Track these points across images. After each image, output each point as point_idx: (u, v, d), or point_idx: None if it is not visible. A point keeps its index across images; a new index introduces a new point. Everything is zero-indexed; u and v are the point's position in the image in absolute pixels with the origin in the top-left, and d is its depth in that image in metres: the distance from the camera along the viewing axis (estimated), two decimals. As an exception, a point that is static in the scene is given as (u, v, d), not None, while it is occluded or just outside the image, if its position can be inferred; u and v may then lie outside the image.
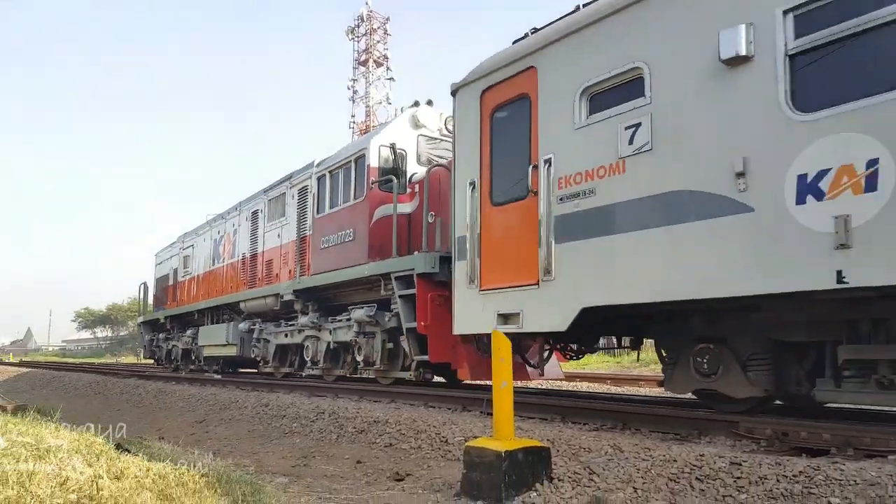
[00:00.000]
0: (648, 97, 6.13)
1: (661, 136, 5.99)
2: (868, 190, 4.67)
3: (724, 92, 5.57)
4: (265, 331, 14.70)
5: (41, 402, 12.90)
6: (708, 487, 4.36)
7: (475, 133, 8.16)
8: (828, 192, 4.87)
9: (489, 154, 7.98)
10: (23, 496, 3.09)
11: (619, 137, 6.32)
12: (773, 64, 5.25)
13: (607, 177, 6.45)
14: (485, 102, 8.10)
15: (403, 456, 6.53)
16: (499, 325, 7.53)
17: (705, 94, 5.70)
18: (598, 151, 6.54)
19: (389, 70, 56.05)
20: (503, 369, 4.65)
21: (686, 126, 5.82)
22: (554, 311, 6.91)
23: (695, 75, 5.77)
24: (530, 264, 7.17)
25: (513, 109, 7.77)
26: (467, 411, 8.20)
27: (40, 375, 25.72)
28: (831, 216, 4.82)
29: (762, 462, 4.48)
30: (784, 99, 5.18)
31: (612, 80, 6.51)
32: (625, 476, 4.58)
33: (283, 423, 8.92)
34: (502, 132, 7.94)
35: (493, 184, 7.91)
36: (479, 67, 8.29)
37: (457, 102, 8.70)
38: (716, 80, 5.61)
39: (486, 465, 4.44)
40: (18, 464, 3.63)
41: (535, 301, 7.13)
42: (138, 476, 3.90)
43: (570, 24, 7.09)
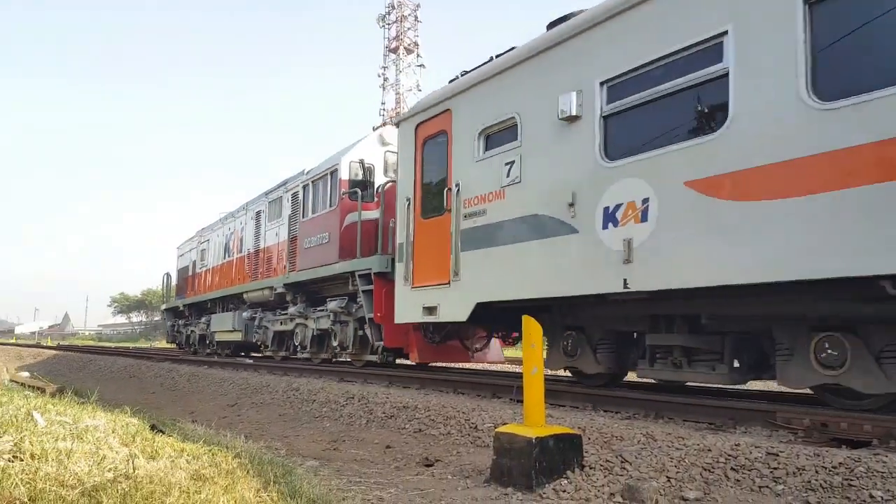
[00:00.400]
0: (520, 141, 7.87)
1: (527, 171, 7.75)
2: (643, 220, 6.33)
3: (563, 141, 7.27)
4: (265, 319, 16.42)
5: (78, 384, 13.15)
6: (743, 478, 4.29)
7: (411, 159, 9.96)
8: (620, 220, 6.56)
9: (421, 176, 9.76)
10: (61, 473, 3.14)
11: (502, 171, 8.08)
12: (592, 122, 6.92)
13: (494, 201, 8.23)
14: (418, 134, 9.86)
15: (433, 441, 6.54)
16: (423, 316, 9.36)
17: (553, 142, 7.40)
18: (489, 180, 8.29)
19: (420, 57, 55.97)
20: (534, 355, 4.61)
21: (542, 165, 7.57)
22: (459, 305, 8.63)
23: (547, 127, 7.45)
24: (445, 267, 8.91)
25: (436, 142, 9.50)
26: (497, 398, 8.18)
27: (77, 359, 26.25)
28: (622, 238, 6.49)
29: (800, 453, 4.40)
30: (598, 150, 6.85)
31: (498, 125, 8.27)
32: (658, 465, 4.52)
33: (313, 408, 8.99)
34: (430, 159, 9.65)
35: (423, 201, 9.65)
36: (416, 105, 10.21)
37: (400, 132, 10.49)
38: (559, 132, 7.32)
39: (516, 452, 4.41)
40: (57, 442, 3.69)
41: (447, 297, 8.88)
42: (172, 456, 3.95)
43: (472, 78, 8.83)
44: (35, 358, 30.44)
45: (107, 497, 2.92)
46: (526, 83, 7.91)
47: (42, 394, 8.93)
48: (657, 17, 6.43)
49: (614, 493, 4.10)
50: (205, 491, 3.29)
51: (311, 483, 3.95)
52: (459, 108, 9.00)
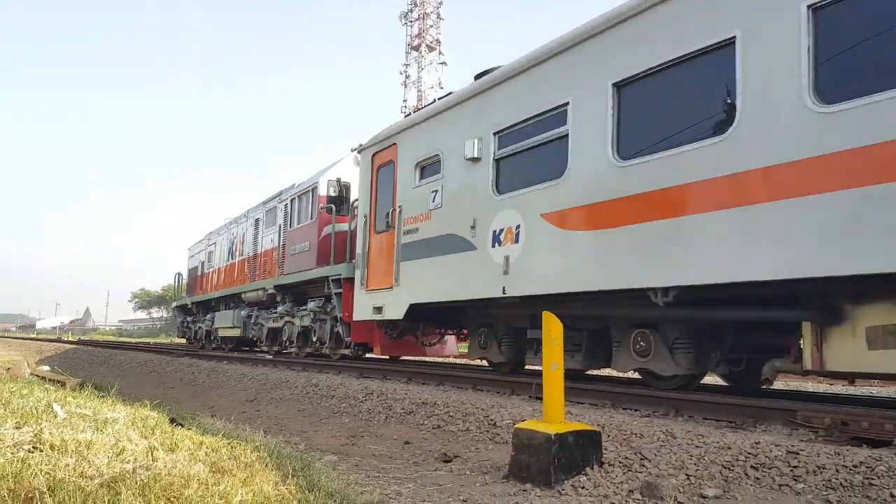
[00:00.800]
0: (442, 174, 9.72)
1: (446, 198, 9.60)
2: (516, 242, 8.21)
3: (469, 177, 9.13)
4: (260, 317, 18.13)
5: (98, 378, 13.30)
6: (763, 476, 4.23)
7: (368, 182, 11.89)
8: (503, 241, 8.43)
9: (375, 197, 11.60)
10: (81, 464, 3.15)
11: (430, 197, 9.89)
12: (488, 163, 8.78)
13: (424, 221, 10.04)
14: (374, 162, 11.73)
15: (451, 438, 6.52)
16: (373, 314, 11.17)
17: (463, 176, 9.25)
18: (422, 204, 10.11)
19: (442, 54, 55.92)
20: (554, 351, 4.58)
21: (455, 194, 9.41)
22: (398, 306, 10.41)
23: (460, 164, 9.27)
24: (390, 274, 10.74)
25: (387, 169, 11.32)
26: (516, 395, 8.15)
27: (97, 354, 26.51)
28: (503, 255, 8.36)
29: (820, 451, 4.34)
30: (491, 185, 8.70)
31: (429, 159, 10.13)
32: (677, 462, 4.48)
33: (332, 403, 9.01)
34: (382, 184, 11.45)
35: (376, 218, 11.45)
36: (372, 137, 11.97)
37: (361, 159, 12.40)
38: (467, 169, 9.16)
39: (535, 448, 4.39)
40: (77, 434, 3.72)
41: (390, 299, 10.70)
42: (191, 449, 3.97)
43: (413, 119, 10.88)
44: (56, 352, 30.80)
45: (126, 488, 2.93)
46: (447, 127, 9.80)
47: (62, 387, 9.02)
48: (527, 87, 8.38)
49: (633, 489, 4.07)
50: (223, 483, 3.30)
51: (329, 477, 3.95)
52: (403, 142, 10.89)
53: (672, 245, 6.37)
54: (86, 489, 2.87)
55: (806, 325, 5.82)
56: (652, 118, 6.95)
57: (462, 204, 9.22)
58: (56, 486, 2.82)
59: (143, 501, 2.85)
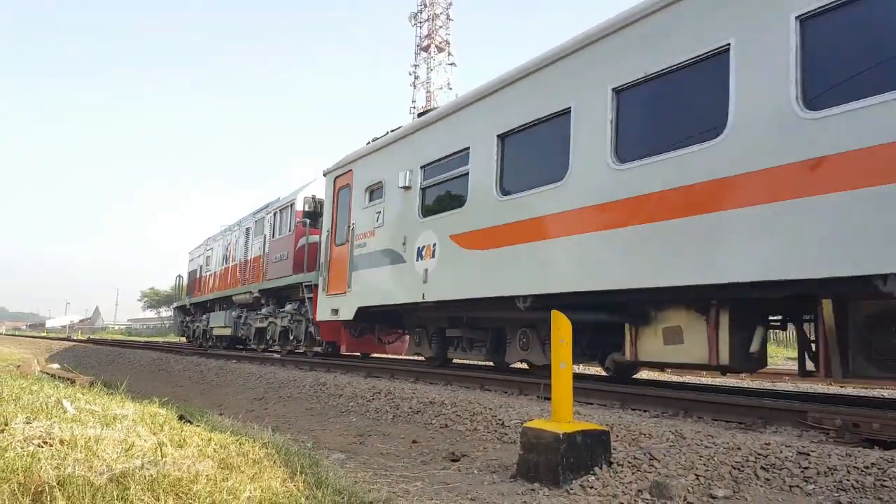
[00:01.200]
0: (384, 198, 11.54)
1: (386, 218, 11.41)
2: (433, 257, 9.87)
3: (402, 202, 10.88)
4: (248, 317, 19.85)
5: (107, 376, 13.33)
6: (773, 477, 4.21)
7: (331, 202, 13.70)
8: (424, 256, 10.09)
9: (335, 215, 13.39)
10: (90, 459, 3.16)
11: (375, 216, 11.72)
12: (416, 191, 10.50)
13: (370, 237, 11.85)
14: (336, 184, 13.57)
15: (459, 437, 6.51)
16: (331, 315, 12.87)
17: (399, 201, 11.01)
18: (369, 222, 11.94)
19: (451, 55, 55.84)
20: (562, 350, 4.57)
21: (393, 215, 11.19)
22: (350, 309, 12.14)
23: (397, 191, 10.99)
24: (344, 281, 12.44)
25: (345, 191, 13.13)
26: (524, 395, 8.13)
27: (107, 352, 26.63)
28: (423, 268, 10.02)
29: (831, 453, 4.31)
30: (418, 210, 10.42)
31: (375, 184, 11.95)
32: (687, 463, 4.45)
33: (339, 402, 9.01)
34: (341, 203, 13.29)
35: (336, 232, 13.24)
36: (335, 163, 13.71)
37: (326, 181, 14.20)
38: (401, 195, 10.90)
39: (543, 447, 4.37)
40: (86, 429, 3.73)
41: (344, 302, 12.39)
42: (200, 445, 3.97)
43: (364, 150, 12.59)
44: (65, 351, 30.94)
45: (135, 483, 2.93)
46: (389, 159, 11.61)
47: (72, 384, 9.05)
48: (444, 130, 10.18)
49: (642, 489, 4.05)
50: (232, 479, 3.30)
51: (337, 474, 3.95)
52: (357, 169, 12.71)
53: (530, 262, 8.12)
54: (95, 484, 2.87)
55: (627, 326, 7.56)
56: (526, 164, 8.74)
57: (397, 224, 11.06)
58: (65, 480, 2.83)
59: (152, 497, 2.85)
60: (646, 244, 6.66)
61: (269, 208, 18.83)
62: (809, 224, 5.41)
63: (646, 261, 6.66)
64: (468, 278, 9.17)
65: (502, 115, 8.87)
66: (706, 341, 6.62)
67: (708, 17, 6.38)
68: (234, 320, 20.67)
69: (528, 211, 8.21)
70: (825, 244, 5.31)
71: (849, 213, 5.17)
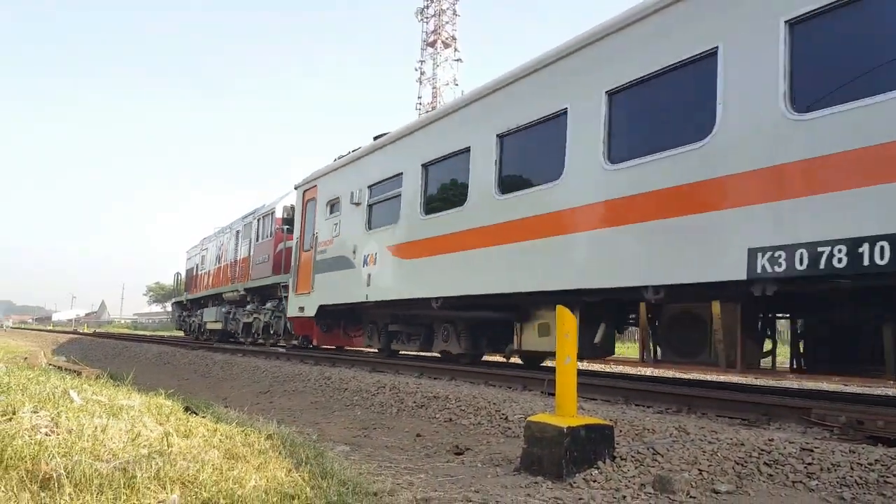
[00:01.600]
0: (340, 212, 13.31)
1: (342, 229, 13.18)
2: (375, 264, 11.68)
3: (354, 215, 12.69)
4: (237, 313, 21.80)
5: (113, 369, 13.38)
6: (777, 473, 4.21)
7: (300, 212, 15.56)
8: (368, 263, 11.93)
9: (304, 224, 15.22)
10: (97, 448, 3.19)
11: (333, 227, 13.54)
12: (364, 207, 12.30)
13: (329, 245, 13.66)
14: (304, 197, 15.42)
15: (463, 431, 6.53)
16: (297, 312, 14.73)
17: (351, 215, 12.80)
18: (329, 232, 13.73)
19: (457, 51, 55.79)
20: (567, 345, 4.58)
21: (347, 227, 13.00)
22: (313, 307, 13.90)
23: (350, 206, 12.81)
24: (309, 282, 14.20)
25: (311, 204, 14.93)
26: (528, 391, 8.15)
27: (112, 346, 26.73)
28: (367, 273, 11.85)
29: (835, 449, 4.31)
30: (365, 223, 12.25)
31: (333, 199, 13.80)
32: (690, 458, 4.46)
33: (344, 396, 9.04)
34: (308, 214, 15.07)
35: (304, 240, 14.99)
36: (303, 179, 15.61)
37: (296, 194, 16.04)
38: (353, 210, 12.72)
39: (547, 441, 4.38)
40: (93, 419, 3.75)
41: (309, 301, 14.14)
42: (206, 436, 4.00)
43: (326, 168, 14.48)
44: (72, 344, 31.07)
45: (141, 472, 2.96)
46: (344, 178, 13.43)
47: (78, 376, 9.09)
48: (383, 158, 12.15)
49: (645, 483, 4.05)
50: (237, 469, 3.32)
51: (342, 465, 3.97)
52: (321, 184, 14.56)
53: (441, 270, 10.02)
54: (102, 472, 2.90)
55: (515, 323, 9.45)
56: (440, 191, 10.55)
57: (349, 234, 12.86)
58: (73, 468, 2.85)
59: (159, 485, 2.88)
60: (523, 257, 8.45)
61: (255, 214, 20.57)
62: (614, 247, 7.25)
63: (522, 271, 8.45)
64: (399, 282, 11.11)
65: (425, 147, 10.86)
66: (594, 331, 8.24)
67: None
68: (224, 315, 22.67)
69: (439, 229, 10.14)
70: (624, 262, 7.09)
71: (634, 242, 6.99)
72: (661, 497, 3.87)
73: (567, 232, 7.86)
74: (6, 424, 3.26)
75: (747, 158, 5.97)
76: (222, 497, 2.84)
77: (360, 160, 12.94)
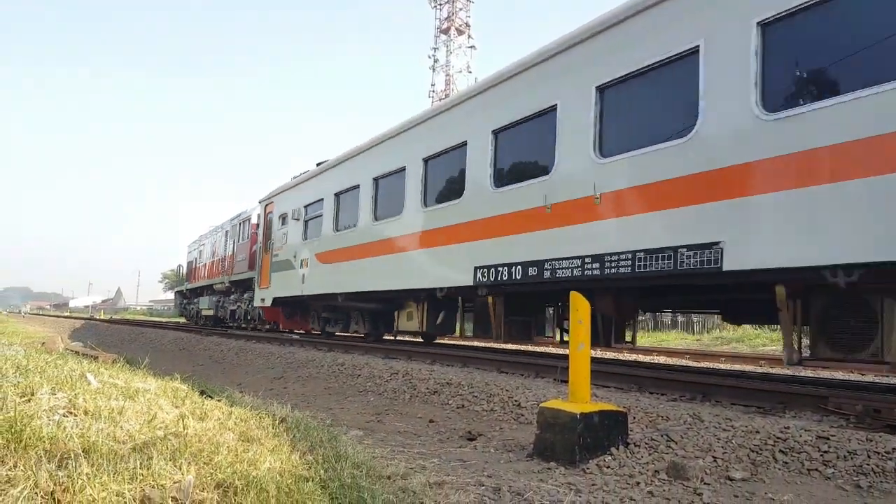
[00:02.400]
0: (288, 224, 16.29)
1: (289, 238, 16.27)
2: (307, 266, 15.02)
3: (295, 228, 15.90)
4: (225, 302, 25.09)
5: (129, 354, 13.48)
6: (792, 460, 4.20)
7: (263, 222, 18.79)
8: (303, 265, 15.19)
9: (265, 232, 18.31)
10: (113, 429, 3.21)
11: (283, 236, 16.59)
12: (302, 223, 15.62)
13: (280, 250, 16.68)
14: (266, 210, 18.62)
15: (475, 417, 6.55)
16: (261, 303, 18.12)
17: (294, 227, 16.00)
18: (280, 240, 16.76)
19: (471, 38, 55.54)
20: (581, 331, 4.56)
21: (291, 237, 16.09)
22: (270, 298, 17.14)
23: (293, 220, 16.01)
24: (267, 279, 17.45)
25: (271, 215, 18.03)
26: (541, 378, 8.15)
27: (128, 332, 26.98)
28: (302, 273, 15.18)
29: (852, 437, 4.29)
30: (302, 235, 15.58)
31: (283, 214, 16.84)
32: (704, 445, 4.45)
33: (357, 382, 9.07)
34: (268, 223, 18.20)
35: (266, 244, 18.00)
36: (265, 195, 18.78)
37: (260, 207, 19.39)
38: (295, 224, 15.92)
39: (560, 427, 4.38)
40: (110, 401, 3.77)
41: (268, 293, 17.36)
42: (221, 419, 4.02)
43: (281, 187, 17.60)
44: (88, 330, 31.35)
45: (157, 453, 2.97)
46: (290, 198, 16.68)
47: (95, 360, 9.17)
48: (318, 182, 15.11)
49: (659, 470, 4.05)
50: (252, 451, 3.34)
51: (355, 449, 3.98)
52: (276, 201, 17.79)
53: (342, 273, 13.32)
54: (119, 452, 2.91)
55: (395, 312, 13.22)
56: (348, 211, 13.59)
57: (292, 243, 16.06)
58: (90, 448, 2.87)
59: (174, 466, 2.89)
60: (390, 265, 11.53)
61: (238, 218, 23.83)
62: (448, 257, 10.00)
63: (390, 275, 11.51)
64: (320, 281, 14.30)
65: (336, 181, 14.09)
66: (418, 318, 12.11)
67: None
68: (214, 303, 26.17)
69: (343, 243, 13.35)
70: None
71: None
72: (675, 483, 3.86)
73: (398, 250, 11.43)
74: (25, 405, 3.28)
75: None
76: (237, 478, 2.85)
77: (299, 185, 16.34)
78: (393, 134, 11.87)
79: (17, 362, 4.80)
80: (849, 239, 5.11)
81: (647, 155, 6.76)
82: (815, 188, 5.31)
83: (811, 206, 5.32)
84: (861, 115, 5.08)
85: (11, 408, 3.11)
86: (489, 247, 8.92)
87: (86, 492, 2.45)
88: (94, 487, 2.49)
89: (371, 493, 3.08)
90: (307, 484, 3.03)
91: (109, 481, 2.56)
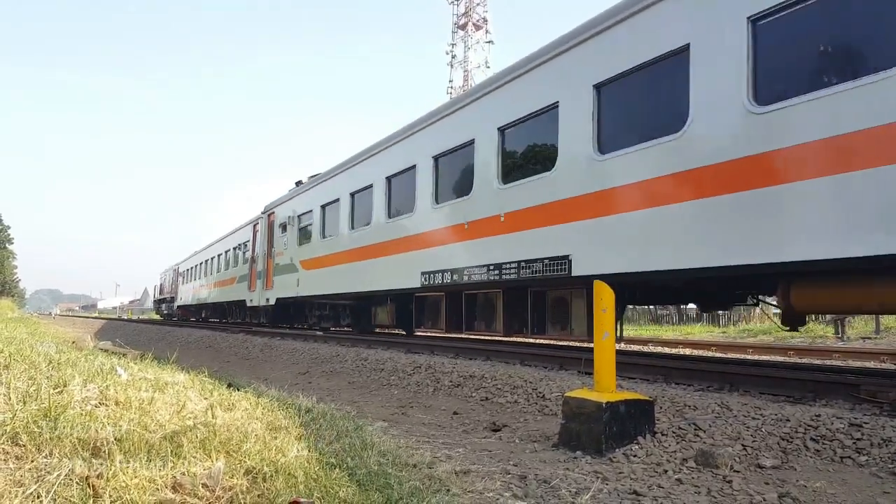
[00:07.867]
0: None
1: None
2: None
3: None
4: None
5: (157, 352, 13.63)
6: (824, 448, 4.14)
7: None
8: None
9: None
10: (144, 419, 3.25)
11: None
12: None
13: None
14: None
15: (499, 409, 6.54)
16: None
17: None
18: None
19: (489, 33, 55.39)
20: (605, 320, 4.54)
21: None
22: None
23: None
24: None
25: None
26: (564, 370, 8.12)
27: (156, 331, 27.29)
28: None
29: (885, 425, 4.23)
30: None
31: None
32: (733, 433, 4.40)
33: (381, 376, 9.11)
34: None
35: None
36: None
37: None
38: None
39: (586, 416, 4.36)
40: (140, 392, 3.83)
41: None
42: (248, 409, 4.06)
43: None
44: (117, 330, 31.76)
45: (187, 441, 3.01)
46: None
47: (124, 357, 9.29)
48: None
49: (687, 458, 4.01)
50: (279, 439, 3.37)
51: (381, 439, 4.00)
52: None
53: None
54: (150, 441, 2.95)
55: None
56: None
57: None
58: (122, 436, 2.91)
59: (204, 453, 2.92)
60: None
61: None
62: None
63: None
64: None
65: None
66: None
67: None
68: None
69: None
70: None
71: None
72: (704, 471, 3.83)
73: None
74: (58, 396, 3.33)
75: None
76: (265, 465, 2.88)
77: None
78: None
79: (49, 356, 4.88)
80: None
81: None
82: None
83: None
84: None
85: (45, 398, 3.16)
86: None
87: (119, 478, 2.49)
88: (127, 474, 2.53)
89: (398, 479, 3.09)
90: (335, 470, 3.05)
91: (141, 468, 2.60)
